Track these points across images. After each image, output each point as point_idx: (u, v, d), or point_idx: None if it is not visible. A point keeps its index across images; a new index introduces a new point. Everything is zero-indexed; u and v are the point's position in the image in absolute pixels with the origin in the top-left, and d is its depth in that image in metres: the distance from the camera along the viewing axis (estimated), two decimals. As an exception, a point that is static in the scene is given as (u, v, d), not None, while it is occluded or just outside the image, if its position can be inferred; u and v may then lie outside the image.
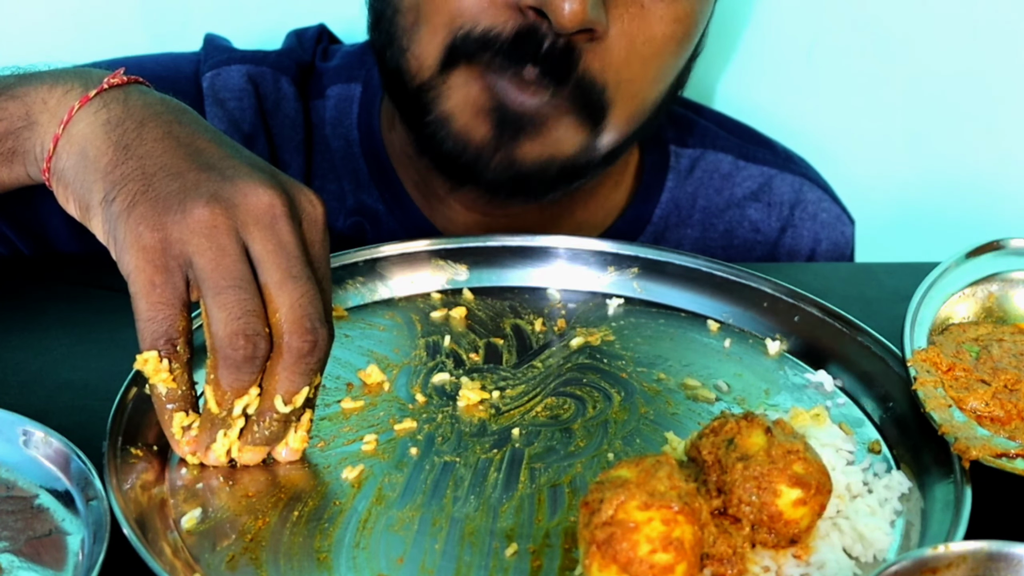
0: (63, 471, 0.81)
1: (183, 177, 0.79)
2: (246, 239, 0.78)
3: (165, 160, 0.80)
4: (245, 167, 0.81)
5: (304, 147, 1.22)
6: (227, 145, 0.84)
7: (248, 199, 0.78)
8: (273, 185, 0.80)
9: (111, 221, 0.79)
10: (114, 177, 0.80)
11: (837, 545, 0.78)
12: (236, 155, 0.83)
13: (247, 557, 0.77)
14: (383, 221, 1.21)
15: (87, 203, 0.82)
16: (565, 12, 0.99)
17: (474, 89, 1.06)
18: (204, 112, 1.19)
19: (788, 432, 0.78)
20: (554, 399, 0.95)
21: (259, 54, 1.23)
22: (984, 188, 1.54)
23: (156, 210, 0.78)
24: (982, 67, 1.48)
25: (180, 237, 0.77)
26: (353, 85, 1.23)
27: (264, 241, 0.78)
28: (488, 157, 1.08)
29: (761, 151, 1.35)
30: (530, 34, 1.03)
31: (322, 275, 0.82)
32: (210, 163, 0.81)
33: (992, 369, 0.91)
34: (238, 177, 0.79)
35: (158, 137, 0.82)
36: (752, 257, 1.33)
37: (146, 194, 0.79)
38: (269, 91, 1.21)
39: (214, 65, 1.21)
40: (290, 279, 0.78)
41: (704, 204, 1.32)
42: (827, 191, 1.37)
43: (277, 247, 0.78)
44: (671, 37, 1.08)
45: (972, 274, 1.00)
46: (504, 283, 1.09)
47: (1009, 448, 0.83)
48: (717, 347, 1.03)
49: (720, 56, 1.21)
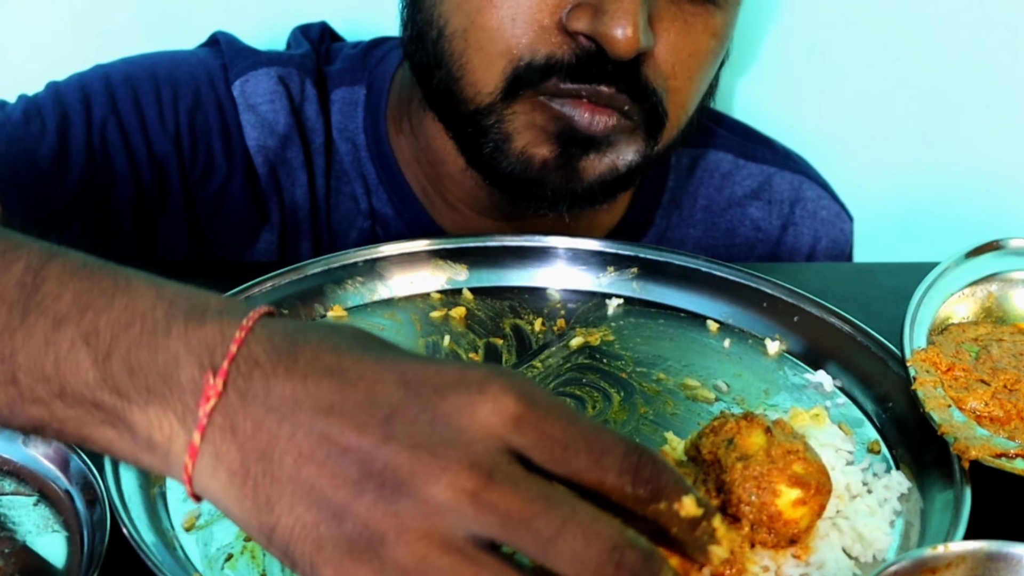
0: (63, 471, 0.80)
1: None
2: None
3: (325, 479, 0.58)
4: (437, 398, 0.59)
5: (324, 149, 1.22)
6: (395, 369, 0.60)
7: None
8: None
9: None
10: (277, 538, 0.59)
11: (836, 545, 0.78)
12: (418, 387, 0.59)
13: (247, 557, 0.77)
14: (392, 225, 1.21)
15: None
16: (620, 42, 0.98)
17: (540, 116, 1.04)
18: (239, 119, 1.18)
19: (788, 432, 0.78)
20: (554, 399, 0.94)
21: (284, 55, 1.23)
22: (984, 188, 1.54)
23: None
24: (983, 67, 1.48)
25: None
26: (357, 88, 1.23)
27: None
28: (551, 175, 1.06)
29: (761, 149, 1.35)
30: (588, 58, 1.02)
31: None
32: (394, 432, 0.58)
33: (991, 369, 0.91)
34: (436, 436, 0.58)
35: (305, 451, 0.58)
36: (754, 256, 1.33)
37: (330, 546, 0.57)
38: (296, 93, 1.21)
39: (241, 72, 1.19)
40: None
41: (705, 203, 1.32)
42: (826, 189, 1.37)
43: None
44: (710, 50, 1.08)
45: (972, 274, 1.00)
46: (504, 283, 1.09)
47: (1009, 448, 0.83)
48: (717, 347, 1.03)
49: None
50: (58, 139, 1.10)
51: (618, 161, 1.08)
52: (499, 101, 1.05)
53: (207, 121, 1.18)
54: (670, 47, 1.05)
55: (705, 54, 1.08)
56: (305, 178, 1.21)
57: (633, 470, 0.58)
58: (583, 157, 1.06)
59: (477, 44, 1.04)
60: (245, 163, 1.19)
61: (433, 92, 1.11)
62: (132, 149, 1.14)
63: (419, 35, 1.10)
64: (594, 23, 0.99)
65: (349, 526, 0.57)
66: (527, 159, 1.06)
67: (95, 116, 1.13)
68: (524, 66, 1.03)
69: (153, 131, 1.15)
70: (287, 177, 1.21)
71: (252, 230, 1.21)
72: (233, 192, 1.19)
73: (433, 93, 1.11)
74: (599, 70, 1.02)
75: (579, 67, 1.02)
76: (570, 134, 1.04)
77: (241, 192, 1.19)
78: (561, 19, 1.01)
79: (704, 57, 1.08)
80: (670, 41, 1.05)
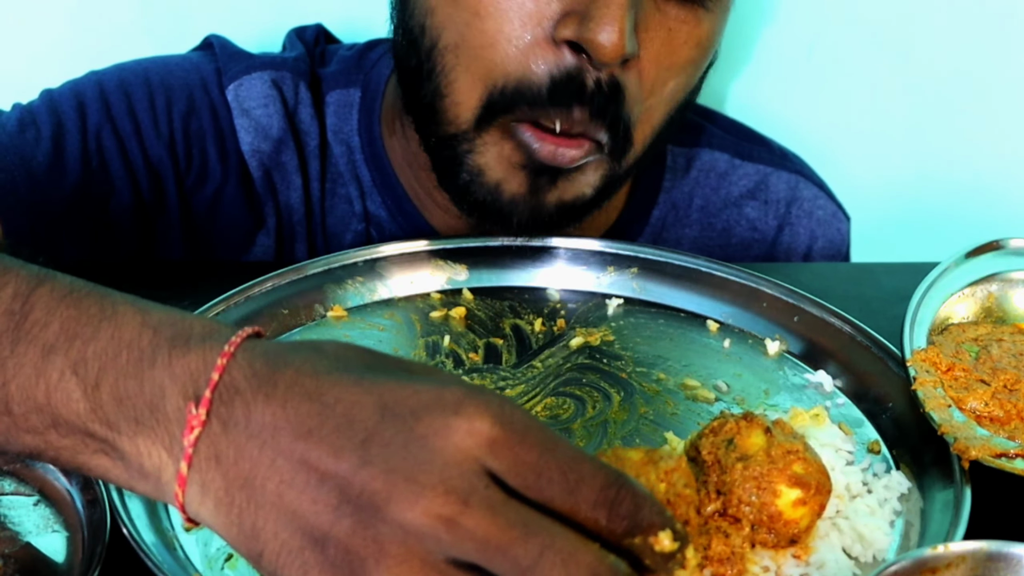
0: (63, 471, 0.80)
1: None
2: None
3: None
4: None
5: (319, 152, 1.22)
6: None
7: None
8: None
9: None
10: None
11: (836, 545, 0.78)
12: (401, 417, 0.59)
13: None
14: (386, 227, 1.21)
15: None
16: (605, 45, 0.96)
17: (507, 146, 1.03)
18: (233, 124, 1.18)
19: (788, 432, 0.78)
20: (553, 399, 0.95)
21: (277, 59, 1.23)
22: (984, 188, 1.54)
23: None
24: (982, 67, 1.48)
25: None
26: (352, 90, 1.23)
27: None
28: (519, 207, 1.05)
29: (757, 149, 1.35)
30: (568, 78, 0.99)
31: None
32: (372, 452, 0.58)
33: (991, 369, 0.91)
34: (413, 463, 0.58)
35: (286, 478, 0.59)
36: (750, 256, 1.33)
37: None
38: (291, 96, 1.21)
39: (235, 76, 1.19)
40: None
41: (701, 203, 1.32)
42: (823, 188, 1.37)
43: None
44: (692, 61, 1.06)
45: (972, 274, 1.00)
46: (503, 283, 1.09)
47: (1009, 448, 0.83)
48: (717, 347, 1.03)
49: (720, 55, 1.21)
50: (53, 147, 1.10)
51: (585, 188, 1.06)
52: (472, 129, 1.03)
53: (201, 126, 1.18)
54: (653, 57, 1.02)
55: (684, 65, 1.05)
56: (300, 181, 1.21)
57: (609, 503, 0.58)
58: (550, 188, 1.04)
59: (465, 62, 1.02)
60: (240, 167, 1.19)
61: (417, 103, 1.09)
62: (127, 155, 1.14)
63: (411, 42, 1.08)
64: (580, 29, 0.97)
65: (332, 551, 0.57)
66: (498, 193, 1.05)
67: (90, 123, 1.13)
68: (499, 92, 1.01)
69: (148, 137, 1.15)
70: (282, 181, 1.21)
71: (248, 234, 1.21)
72: (228, 196, 1.19)
73: (417, 104, 1.09)
74: (575, 91, 0.99)
75: (551, 91, 0.99)
76: (538, 167, 1.03)
77: (236, 196, 1.19)
78: (549, 31, 0.99)
79: (682, 69, 1.05)
80: (653, 51, 1.02)
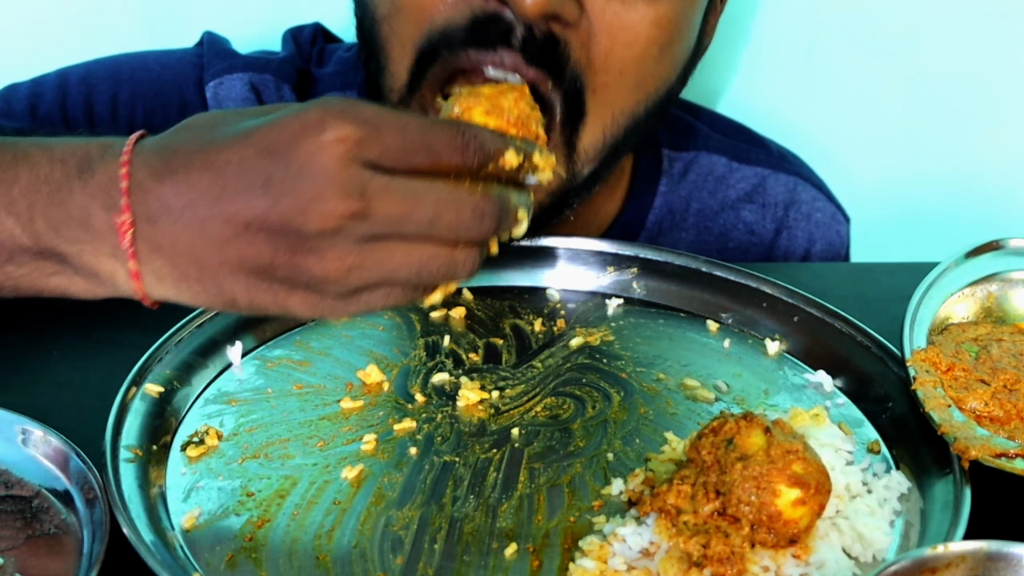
0: (62, 470, 0.81)
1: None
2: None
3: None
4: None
5: None
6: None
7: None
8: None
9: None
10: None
11: (836, 545, 0.78)
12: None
13: (246, 557, 0.77)
14: None
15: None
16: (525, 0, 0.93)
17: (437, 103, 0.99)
18: None
19: (787, 432, 0.78)
20: (553, 399, 0.95)
21: (261, 61, 1.22)
22: (984, 188, 1.54)
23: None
24: (982, 67, 1.48)
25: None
26: (348, 92, 1.22)
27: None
28: None
29: (755, 151, 1.35)
30: (489, 19, 0.96)
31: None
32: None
33: (991, 369, 0.91)
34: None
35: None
36: (747, 259, 1.33)
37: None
38: (272, 99, 1.21)
39: (217, 74, 1.20)
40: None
41: (698, 207, 1.31)
42: (821, 189, 1.37)
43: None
44: (652, 41, 1.01)
45: (971, 274, 1.00)
46: (504, 283, 1.09)
47: (1008, 448, 0.83)
48: (716, 347, 1.03)
49: (720, 56, 1.21)
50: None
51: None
52: (406, 93, 1.01)
53: (168, 122, 1.18)
54: (603, 26, 0.98)
55: (645, 43, 1.00)
56: None
57: (461, 148, 0.71)
58: None
59: (398, 28, 1.00)
60: None
61: (375, 89, 1.07)
62: None
63: (360, 27, 1.07)
64: None
65: (282, 273, 0.70)
66: None
67: (39, 114, 1.16)
68: (426, 41, 0.98)
69: (102, 126, 1.17)
70: None
71: None
72: None
73: (375, 90, 1.07)
74: (499, 34, 0.96)
75: (471, 30, 0.96)
76: None
77: None
78: None
79: (643, 48, 1.01)
80: (605, 20, 0.98)
